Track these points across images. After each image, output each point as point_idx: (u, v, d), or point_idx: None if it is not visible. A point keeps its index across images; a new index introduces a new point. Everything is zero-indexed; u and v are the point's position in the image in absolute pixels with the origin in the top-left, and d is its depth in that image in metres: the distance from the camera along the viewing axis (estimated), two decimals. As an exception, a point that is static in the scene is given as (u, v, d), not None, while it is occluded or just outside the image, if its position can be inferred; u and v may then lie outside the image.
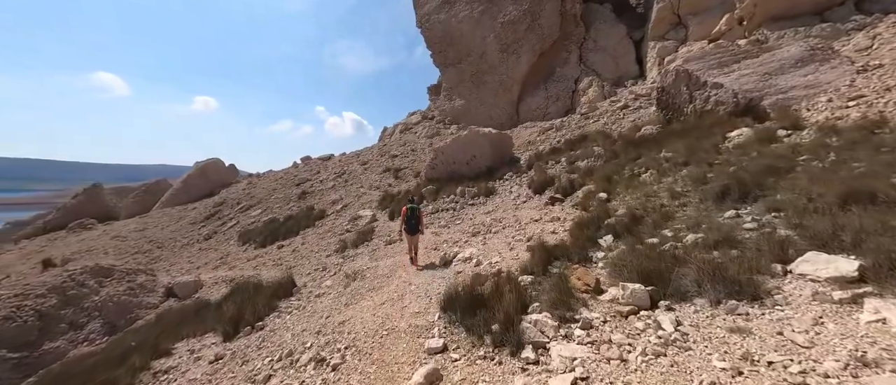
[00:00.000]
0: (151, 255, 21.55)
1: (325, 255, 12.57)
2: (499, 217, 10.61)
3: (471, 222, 11.04)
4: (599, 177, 9.82)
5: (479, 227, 10.20)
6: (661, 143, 10.85)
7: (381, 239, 11.94)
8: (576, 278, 4.94)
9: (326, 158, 29.78)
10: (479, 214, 11.80)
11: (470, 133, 15.88)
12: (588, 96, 23.04)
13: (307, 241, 15.66)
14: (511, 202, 12.02)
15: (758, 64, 11.01)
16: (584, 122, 19.26)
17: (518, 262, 6.67)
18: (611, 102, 20.00)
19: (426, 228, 11.82)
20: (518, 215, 10.24)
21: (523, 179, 13.98)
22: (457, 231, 10.67)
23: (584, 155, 13.37)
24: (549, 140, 18.38)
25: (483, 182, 14.61)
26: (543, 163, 14.34)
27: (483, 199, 13.43)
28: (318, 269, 11.03)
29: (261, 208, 23.56)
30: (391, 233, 12.29)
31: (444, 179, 16.08)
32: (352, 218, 15.66)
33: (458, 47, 28.29)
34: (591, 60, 24.76)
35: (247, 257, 16.76)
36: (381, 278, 8.10)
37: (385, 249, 10.64)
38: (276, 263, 14.02)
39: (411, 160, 24.02)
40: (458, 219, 12.10)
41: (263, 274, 13.15)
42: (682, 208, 6.52)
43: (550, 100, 25.56)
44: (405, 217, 8.19)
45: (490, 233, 9.52)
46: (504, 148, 16.53)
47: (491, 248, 8.12)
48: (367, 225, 14.53)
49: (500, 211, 11.40)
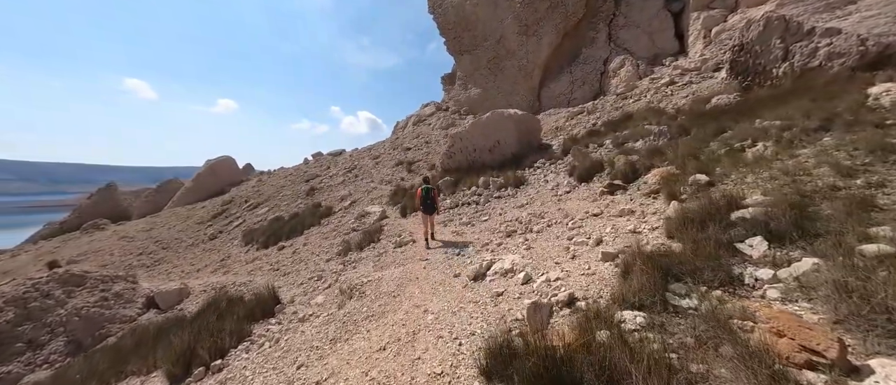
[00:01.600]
0: (155, 256, 19.67)
1: (325, 259, 10.14)
2: (538, 211, 7.92)
3: (501, 219, 8.39)
4: (677, 155, 7.02)
5: (513, 224, 7.55)
6: (750, 113, 7.99)
7: (390, 239, 9.42)
8: (772, 333, 2.26)
9: (337, 154, 27.53)
10: (509, 209, 9.14)
11: (493, 116, 13.19)
12: (620, 77, 19.97)
13: (309, 242, 13.30)
14: (549, 193, 9.30)
15: (885, 2, 7.95)
16: (621, 102, 16.31)
17: (598, 282, 4.02)
18: (651, 80, 16.96)
19: (444, 225, 9.27)
20: (565, 208, 7.54)
21: (560, 166, 11.22)
22: (484, 230, 8.04)
23: (637, 134, 10.52)
24: (582, 124, 15.52)
25: (509, 171, 11.92)
26: (582, 147, 11.54)
27: (512, 190, 10.74)
28: (314, 278, 8.60)
29: (268, 206, 21.43)
30: (401, 233, 9.77)
31: (463, 169, 13.46)
32: (359, 215, 13.21)
33: (474, 32, 25.54)
34: (623, 38, 21.63)
35: (246, 259, 14.56)
36: (385, 298, 5.56)
37: (393, 254, 8.09)
38: (274, 268, 11.69)
39: (425, 152, 21.49)
40: (483, 214, 9.46)
41: (257, 280, 10.85)
42: (882, 190, 3.73)
43: (576, 84, 22.56)
44: (421, 198, 8.05)
45: (531, 232, 6.85)
46: (531, 132, 13.77)
47: (541, 255, 5.46)
48: (375, 223, 12.05)
49: (538, 204, 8.71)
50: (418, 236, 8.87)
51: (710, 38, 18.00)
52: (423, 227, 8.11)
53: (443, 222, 9.83)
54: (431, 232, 8.02)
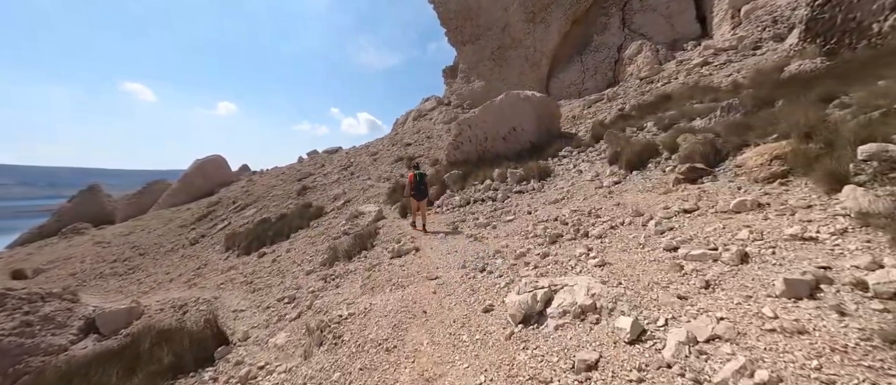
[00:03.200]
0: (130, 263, 17.23)
1: (306, 271, 7.80)
2: (584, 208, 5.60)
3: (532, 219, 6.07)
4: (797, 125, 4.70)
5: (556, 226, 5.23)
6: (855, 77, 5.76)
7: (387, 246, 7.09)
8: None
9: (333, 151, 25.18)
10: (540, 205, 6.82)
11: (508, 99, 10.88)
12: (637, 63, 17.71)
13: (294, 248, 10.95)
14: (590, 185, 6.99)
15: None
16: (646, 87, 14.04)
17: (816, 351, 1.73)
18: (679, 63, 14.71)
19: (455, 228, 6.95)
20: (626, 203, 5.22)
21: (593, 154, 8.91)
22: (513, 233, 5.71)
23: (688, 113, 8.23)
24: (605, 111, 13.23)
25: (529, 161, 9.61)
26: (618, 131, 9.25)
27: (535, 183, 8.42)
28: (285, 300, 6.24)
29: (256, 208, 19.04)
30: (400, 237, 7.42)
31: (472, 161, 11.15)
32: (351, 216, 10.87)
33: (477, 21, 23.27)
34: (638, 23, 19.39)
35: (222, 268, 12.18)
36: (372, 352, 3.24)
37: (389, 267, 5.72)
38: (247, 280, 9.32)
39: (427, 148, 19.16)
40: (504, 213, 7.13)
41: (224, 297, 8.50)
42: None
43: (587, 73, 20.31)
44: (413, 183, 7.67)
45: (589, 236, 4.54)
46: (551, 118, 11.48)
47: (631, 278, 3.12)
48: (370, 225, 9.72)
49: (580, 199, 6.38)
50: (421, 241, 6.58)
51: (740, 18, 15.80)
52: (413, 214, 8.04)
53: (453, 223, 7.50)
54: (423, 221, 7.74)
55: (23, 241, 25.45)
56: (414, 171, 7.80)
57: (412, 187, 7.59)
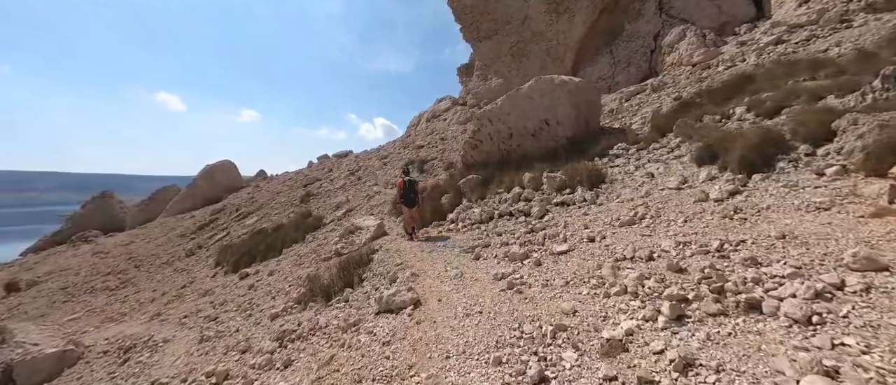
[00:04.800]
0: (125, 276, 15.53)
1: (274, 312, 5.54)
2: (703, 239, 3.10)
3: (599, 251, 3.62)
4: None
5: (659, 273, 2.79)
6: None
7: (378, 284, 4.76)
8: None
9: (343, 155, 23.19)
10: (603, 227, 4.33)
11: (538, 85, 8.43)
12: (679, 51, 14.90)
13: (279, 269, 8.80)
14: (679, 194, 4.47)
15: None
16: (703, 72, 11.32)
17: None
18: (740, 45, 11.91)
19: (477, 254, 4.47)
20: (809, 234, 2.73)
21: (662, 152, 6.33)
22: (573, 280, 3.26)
23: (800, 92, 5.60)
24: (652, 102, 10.58)
25: (568, 162, 7.11)
26: (692, 121, 6.66)
27: (586, 192, 5.92)
28: (213, 381, 4.01)
29: (258, 216, 17.13)
30: (402, 266, 5.07)
31: (493, 163, 8.73)
32: (347, 231, 8.59)
33: (494, 15, 20.89)
34: (678, 7, 16.57)
35: (202, 290, 10.14)
36: None
37: (367, 342, 3.29)
38: (212, 316, 7.15)
39: (440, 150, 16.81)
40: (549, 238, 4.66)
41: (173, 346, 6.35)
42: None
43: (619, 66, 17.60)
44: (402, 190, 7.07)
45: (782, 315, 2.10)
46: (592, 109, 8.97)
47: None
48: (367, 243, 7.43)
49: (676, 218, 3.83)
50: (424, 283, 4.20)
51: (810, -8, 12.83)
52: (406, 223, 7.23)
53: (473, 249, 5.08)
54: (410, 228, 7.05)
55: (37, 248, 24.48)
56: (403, 178, 7.18)
57: (401, 195, 7.01)
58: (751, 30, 13.78)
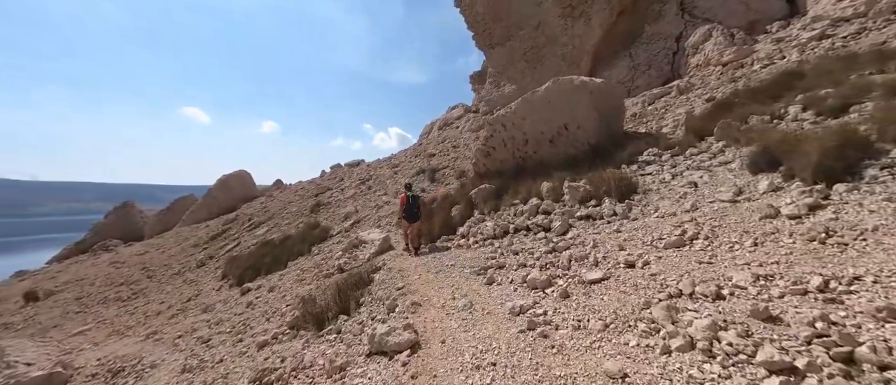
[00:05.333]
0: (137, 286, 15.41)
1: (264, 339, 4.92)
2: (793, 272, 2.35)
3: (643, 281, 2.87)
4: None
5: (736, 322, 2.04)
6: None
7: (375, 312, 4.09)
8: None
9: (355, 164, 22.87)
10: (643, 249, 3.56)
11: (557, 86, 7.72)
12: (706, 52, 13.89)
13: (280, 285, 8.25)
14: (736, 209, 3.65)
15: None
16: (734, 72, 10.35)
17: None
18: (775, 41, 10.88)
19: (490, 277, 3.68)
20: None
21: (703, 158, 5.47)
22: (615, 323, 2.52)
23: (867, 88, 4.70)
24: (680, 105, 9.68)
25: (591, 170, 6.32)
26: (736, 122, 5.78)
27: (615, 204, 5.12)
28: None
29: (268, 226, 16.83)
30: (404, 290, 4.39)
31: (508, 172, 7.99)
32: (351, 245, 7.99)
33: (507, 21, 20.33)
34: (702, 7, 15.58)
35: (204, 305, 9.73)
36: None
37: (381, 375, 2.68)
38: (204, 340, 6.60)
39: (452, 158, 16.16)
40: (575, 260, 3.89)
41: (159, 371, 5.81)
42: None
43: (638, 69, 16.64)
44: (405, 205, 6.66)
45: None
46: (615, 112, 8.16)
47: None
48: (370, 259, 6.79)
49: (742, 240, 3.03)
50: (426, 316, 3.49)
51: (852, -15, 11.70)
52: (405, 238, 6.90)
53: (484, 270, 4.34)
54: (415, 243, 6.64)
55: (61, 257, 24.99)
56: (406, 193, 6.87)
57: (404, 210, 6.66)
58: (784, 27, 12.68)
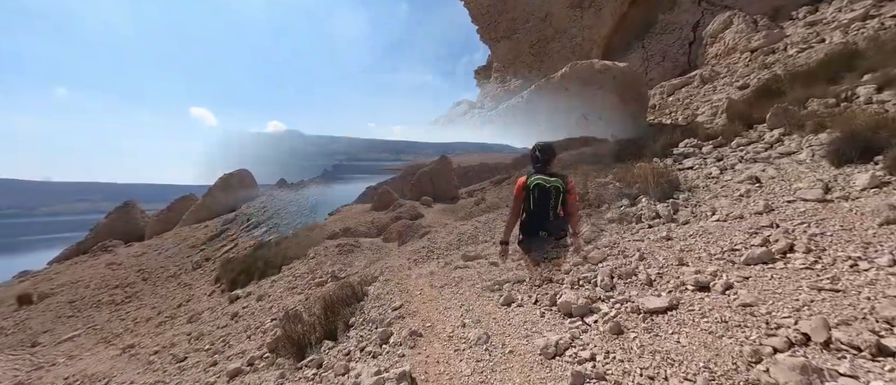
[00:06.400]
0: (132, 289, 14.74)
1: (231, 375, 4.09)
2: None
3: (737, 307, 2.01)
4: None
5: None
6: None
7: (371, 334, 3.28)
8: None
9: (357, 163, 22.06)
10: (715, 261, 2.68)
11: (576, 71, 6.79)
12: (725, 41, 12.88)
13: (270, 293, 7.44)
14: (833, 212, 2.78)
15: None
16: (765, 58, 9.35)
17: None
18: (809, 25, 9.88)
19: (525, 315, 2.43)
20: None
21: (757, 150, 4.57)
22: None
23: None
24: (703, 96, 8.72)
25: (616, 165, 5.43)
26: (794, 107, 4.86)
27: (657, 205, 4.25)
28: None
29: (267, 226, 16.09)
30: (401, 311, 3.57)
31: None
32: (346, 248, 7.16)
33: (513, 13, 19.35)
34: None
35: (194, 312, 8.96)
36: None
37: None
38: (180, 356, 5.79)
39: (457, 155, 15.33)
40: (624, 276, 2.99)
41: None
42: None
43: (652, 60, 15.65)
44: (522, 199, 2.75)
45: None
46: (639, 102, 7.22)
47: None
48: (368, 265, 5.95)
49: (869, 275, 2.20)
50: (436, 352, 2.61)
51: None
52: (529, 272, 3.20)
53: (499, 286, 3.45)
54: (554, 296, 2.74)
55: (62, 258, 24.42)
56: (530, 176, 2.76)
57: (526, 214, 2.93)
58: (813, 12, 11.64)
